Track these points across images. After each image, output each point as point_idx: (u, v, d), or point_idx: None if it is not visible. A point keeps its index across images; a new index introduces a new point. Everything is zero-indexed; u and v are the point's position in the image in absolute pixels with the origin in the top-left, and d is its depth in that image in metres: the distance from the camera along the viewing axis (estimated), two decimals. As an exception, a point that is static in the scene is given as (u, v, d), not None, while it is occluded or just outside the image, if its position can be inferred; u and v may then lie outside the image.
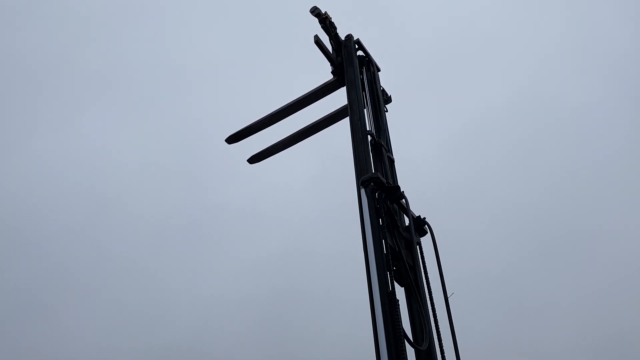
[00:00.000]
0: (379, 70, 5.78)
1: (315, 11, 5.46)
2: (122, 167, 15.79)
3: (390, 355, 3.50)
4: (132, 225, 15.10)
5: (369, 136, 4.72)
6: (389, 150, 4.92)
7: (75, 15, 16.46)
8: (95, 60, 16.39)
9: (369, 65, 5.61)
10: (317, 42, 5.35)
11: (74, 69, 16.19)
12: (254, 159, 6.15)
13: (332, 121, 5.83)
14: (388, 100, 6.01)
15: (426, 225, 4.46)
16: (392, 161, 4.88)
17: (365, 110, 5.24)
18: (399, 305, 3.78)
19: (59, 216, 14.93)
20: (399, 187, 4.49)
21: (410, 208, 4.45)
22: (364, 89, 5.40)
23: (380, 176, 4.33)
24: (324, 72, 5.78)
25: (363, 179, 4.33)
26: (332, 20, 5.52)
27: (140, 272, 14.50)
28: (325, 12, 5.50)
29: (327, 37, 5.60)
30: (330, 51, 5.51)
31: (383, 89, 5.94)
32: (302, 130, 5.90)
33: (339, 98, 5.91)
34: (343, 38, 5.64)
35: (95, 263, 14.45)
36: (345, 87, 5.38)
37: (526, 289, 13.14)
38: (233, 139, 5.93)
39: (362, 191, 4.32)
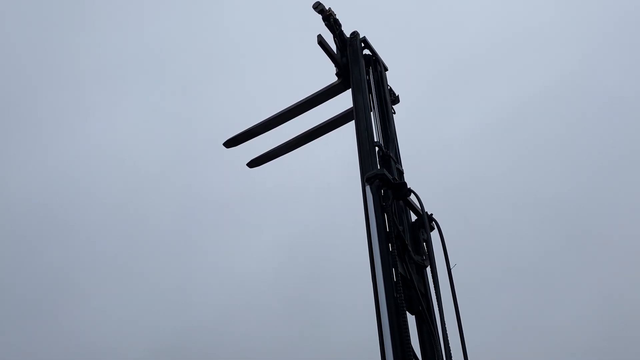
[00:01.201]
0: (386, 69, 5.41)
1: (318, 7, 5.06)
2: (154, 146, 15.77)
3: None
4: (163, 206, 15.15)
5: (376, 147, 4.37)
6: (398, 161, 4.59)
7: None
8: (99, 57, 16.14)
9: (375, 65, 5.25)
10: (321, 42, 4.96)
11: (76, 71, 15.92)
12: (253, 163, 5.82)
13: (337, 124, 5.48)
14: (396, 100, 5.66)
15: (434, 222, 4.23)
16: (401, 173, 4.56)
17: (371, 113, 4.91)
18: (409, 335, 3.52)
19: (95, 194, 15.04)
20: (405, 184, 4.26)
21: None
22: (370, 91, 5.05)
23: (386, 172, 4.08)
24: (328, 72, 5.46)
25: (368, 176, 4.09)
26: (337, 17, 5.13)
27: (170, 253, 14.59)
28: (329, 9, 5.10)
29: (332, 36, 5.23)
30: (335, 51, 5.13)
31: (390, 88, 5.59)
32: (305, 133, 5.55)
33: (344, 98, 5.58)
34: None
35: (127, 243, 14.59)
36: (350, 90, 5.04)
37: (553, 281, 13.01)
38: (231, 142, 5.61)
39: (367, 188, 4.07)
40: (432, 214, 4.35)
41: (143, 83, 16.40)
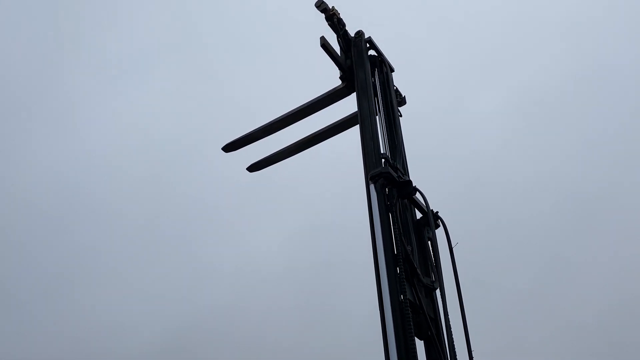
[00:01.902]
0: (392, 70, 5.15)
1: (321, 6, 4.79)
2: (163, 142, 15.67)
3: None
4: (176, 197, 15.06)
5: (382, 159, 4.15)
6: (406, 172, 4.36)
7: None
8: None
9: (381, 66, 4.99)
10: (324, 45, 4.68)
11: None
12: (253, 168, 5.59)
13: (341, 129, 5.24)
14: (402, 101, 5.43)
15: (439, 220, 4.13)
16: (409, 184, 4.31)
17: (377, 117, 4.67)
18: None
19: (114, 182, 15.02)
20: (410, 182, 4.12)
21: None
22: (376, 94, 4.80)
23: (391, 170, 3.94)
24: (331, 73, 5.20)
25: (372, 174, 3.95)
26: (341, 16, 4.86)
27: (180, 244, 14.56)
28: (333, 7, 4.83)
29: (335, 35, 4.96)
30: (339, 53, 4.86)
31: (396, 88, 5.33)
32: (307, 138, 5.31)
33: (348, 100, 5.33)
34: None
35: (138, 234, 14.61)
36: (355, 94, 4.79)
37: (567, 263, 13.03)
38: (230, 147, 5.37)
39: (371, 187, 3.93)
40: (437, 212, 4.22)
41: (142, 81, 16.26)
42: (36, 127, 15.34)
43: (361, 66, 4.77)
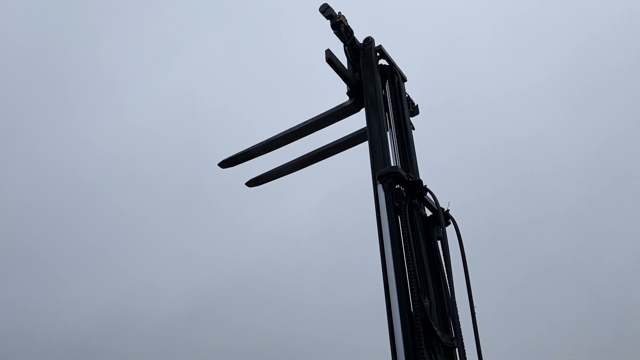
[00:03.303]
0: (404, 80, 4.68)
1: (326, 12, 4.28)
2: (199, 109, 15.55)
3: None
4: (214, 162, 14.87)
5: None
6: (420, 199, 3.98)
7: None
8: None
9: (393, 77, 4.52)
10: (330, 60, 4.18)
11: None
12: (253, 183, 5.19)
13: (348, 145, 4.80)
14: (415, 111, 4.98)
15: (450, 219, 3.96)
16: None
17: (388, 133, 4.24)
18: None
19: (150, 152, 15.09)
20: (421, 181, 3.90)
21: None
22: (386, 108, 4.35)
23: (400, 170, 3.74)
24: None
25: (380, 173, 3.75)
26: (348, 23, 4.35)
27: (211, 206, 14.62)
28: (339, 13, 4.33)
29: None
30: (346, 65, 4.38)
31: (408, 95, 4.88)
32: (311, 154, 4.89)
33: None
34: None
35: (178, 197, 14.73)
36: (364, 109, 4.34)
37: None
38: (228, 163, 4.96)
39: (379, 187, 3.74)
40: (448, 210, 4.04)
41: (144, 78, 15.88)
42: (76, 102, 15.06)
43: (371, 80, 4.31)
